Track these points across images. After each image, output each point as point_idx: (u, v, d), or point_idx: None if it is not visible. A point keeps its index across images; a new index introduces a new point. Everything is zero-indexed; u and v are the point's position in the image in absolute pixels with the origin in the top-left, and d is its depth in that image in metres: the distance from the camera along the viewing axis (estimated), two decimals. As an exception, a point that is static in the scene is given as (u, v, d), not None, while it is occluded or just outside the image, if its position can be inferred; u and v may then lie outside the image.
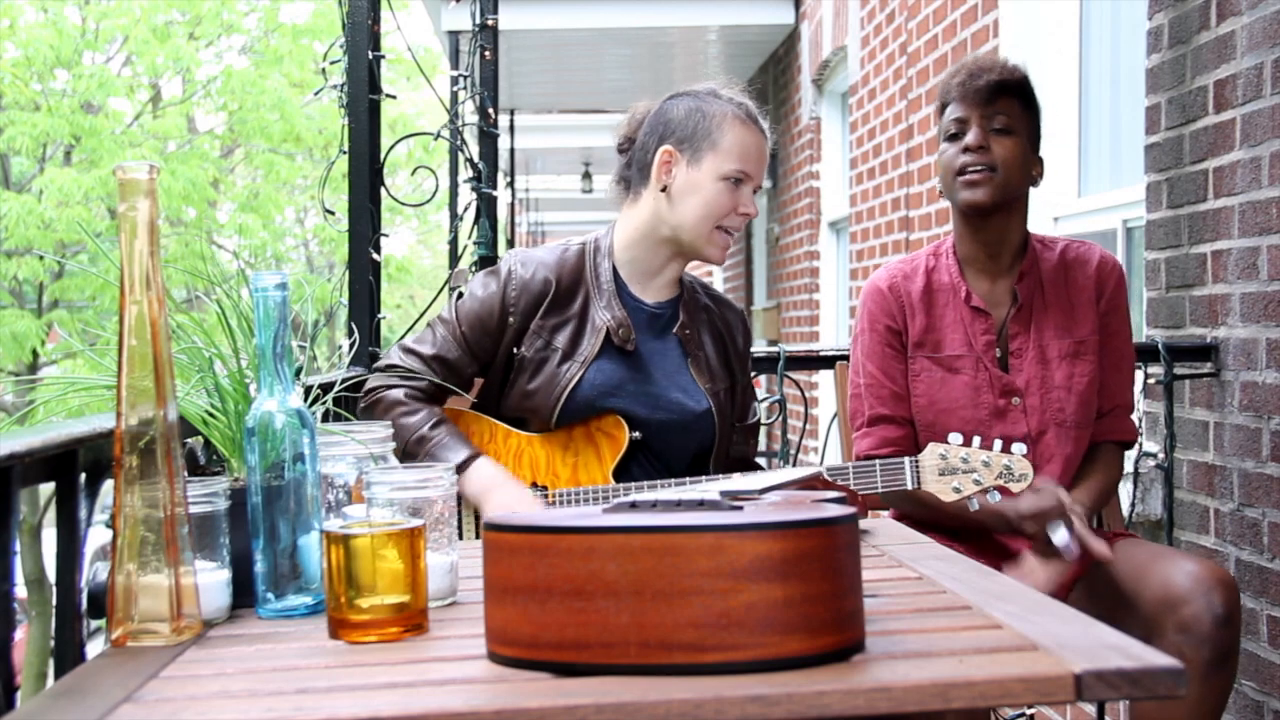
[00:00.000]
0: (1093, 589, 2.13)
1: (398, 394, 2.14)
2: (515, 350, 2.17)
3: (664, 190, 2.16)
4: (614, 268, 2.21)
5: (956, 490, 2.01)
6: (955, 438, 2.02)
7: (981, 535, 2.26)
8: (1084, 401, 2.27)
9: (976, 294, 2.30)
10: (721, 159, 2.13)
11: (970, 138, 2.22)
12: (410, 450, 2.06)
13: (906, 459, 2.04)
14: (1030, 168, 2.27)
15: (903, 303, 2.32)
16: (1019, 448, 1.99)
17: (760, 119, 2.19)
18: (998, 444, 2.00)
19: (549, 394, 2.14)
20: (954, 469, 2.01)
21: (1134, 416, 2.37)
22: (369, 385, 2.19)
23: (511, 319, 2.16)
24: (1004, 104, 2.24)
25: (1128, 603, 2.05)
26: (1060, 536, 2.04)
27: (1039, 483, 2.08)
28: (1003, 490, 1.99)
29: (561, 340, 2.16)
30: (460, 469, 2.03)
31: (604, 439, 2.16)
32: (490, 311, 2.17)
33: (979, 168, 2.22)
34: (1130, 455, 2.67)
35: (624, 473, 2.15)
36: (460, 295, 2.23)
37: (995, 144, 2.22)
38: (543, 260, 2.20)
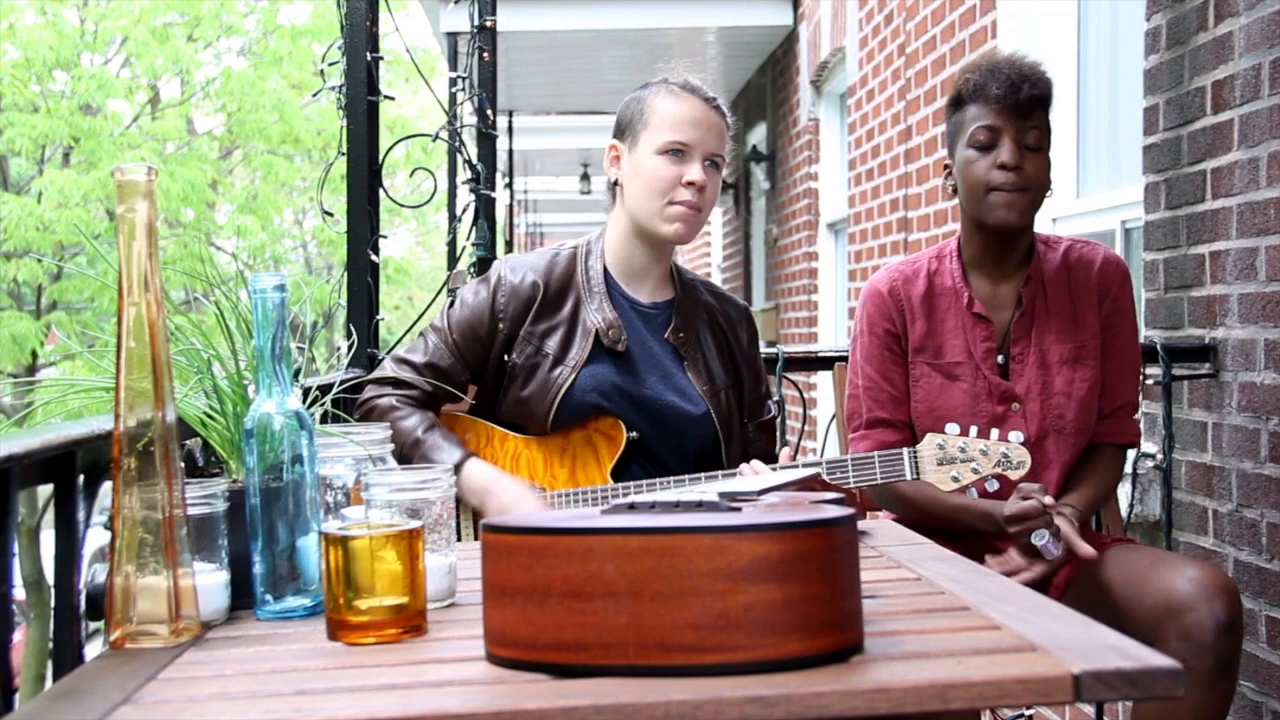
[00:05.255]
0: (1092, 595, 2.12)
1: (390, 401, 2.14)
2: (506, 357, 2.17)
3: (617, 184, 2.18)
4: (605, 269, 2.21)
5: (955, 479, 2.00)
6: (952, 428, 2.02)
7: (977, 539, 2.25)
8: (1084, 408, 2.25)
9: (979, 298, 2.27)
10: (653, 133, 2.12)
11: (1006, 156, 2.15)
12: (405, 454, 2.07)
13: (905, 450, 2.04)
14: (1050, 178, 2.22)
15: (903, 307, 2.29)
16: (1016, 436, 1.99)
17: (698, 89, 2.13)
18: (994, 433, 2.00)
19: (542, 400, 2.14)
20: (952, 458, 2.01)
21: (1135, 416, 2.36)
22: (363, 396, 2.19)
23: (502, 325, 2.16)
24: (1037, 116, 2.17)
25: (1128, 609, 2.04)
26: (1039, 538, 2.05)
27: (1024, 487, 2.09)
28: (1001, 478, 1.99)
29: (551, 345, 2.15)
30: (454, 470, 2.03)
31: (602, 440, 2.15)
32: (480, 318, 2.17)
33: (1013, 188, 2.16)
34: (1129, 456, 2.66)
35: (622, 473, 2.15)
36: (452, 303, 2.23)
37: (1027, 161, 2.16)
38: (532, 265, 2.20)
